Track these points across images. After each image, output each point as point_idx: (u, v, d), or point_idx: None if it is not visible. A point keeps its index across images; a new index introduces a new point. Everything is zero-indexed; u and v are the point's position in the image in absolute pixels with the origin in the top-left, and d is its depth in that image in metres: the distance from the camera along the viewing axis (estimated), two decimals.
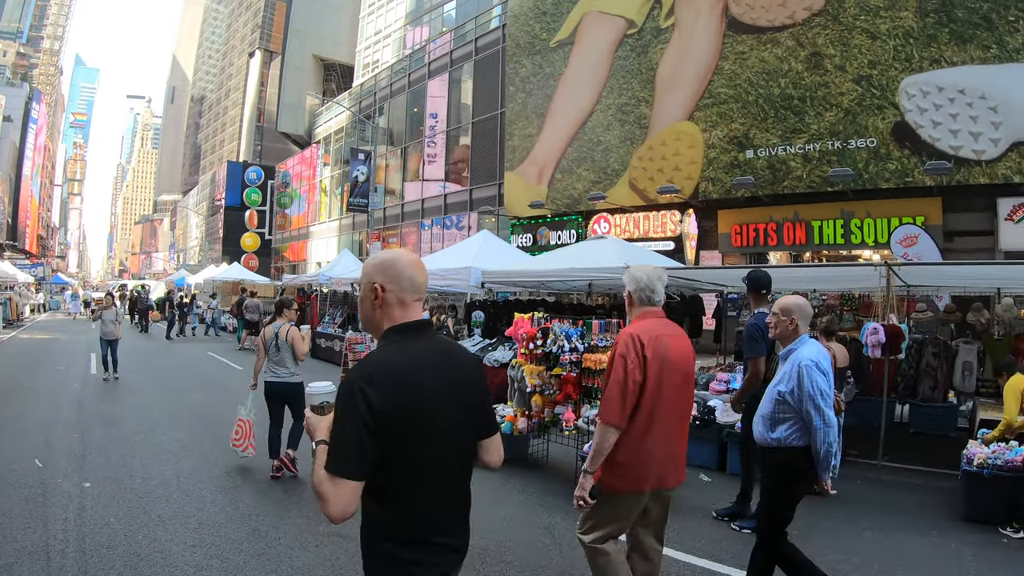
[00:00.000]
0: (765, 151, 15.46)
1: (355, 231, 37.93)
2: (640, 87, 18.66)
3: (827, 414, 3.46)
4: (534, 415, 6.88)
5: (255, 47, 74.22)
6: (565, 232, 20.62)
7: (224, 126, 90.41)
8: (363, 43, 48.85)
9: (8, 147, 55.75)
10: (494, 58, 26.08)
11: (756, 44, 15.92)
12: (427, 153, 30.67)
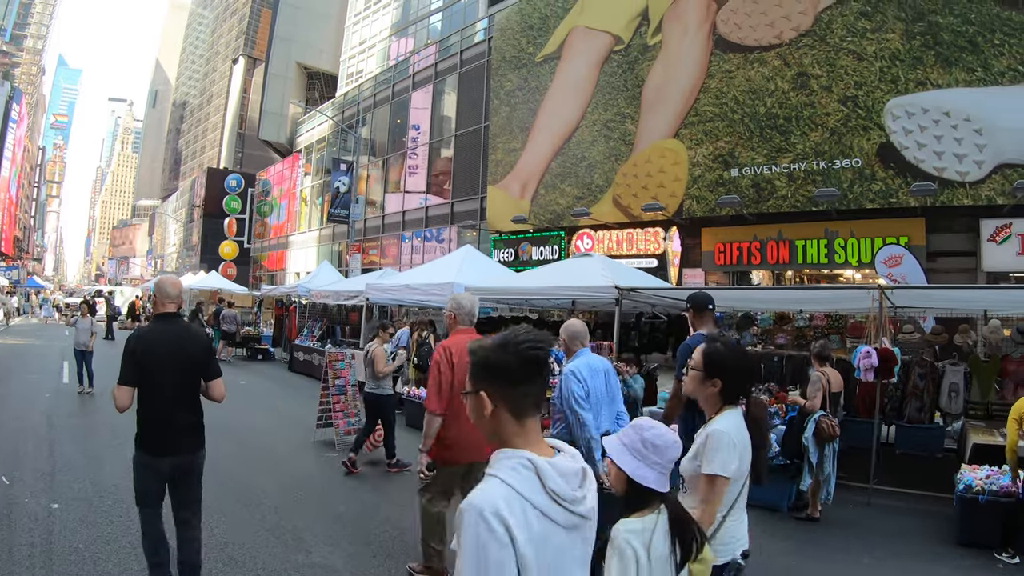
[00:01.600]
0: (750, 170, 15.46)
1: (335, 242, 37.66)
2: (626, 103, 18.65)
3: (580, 414, 4.35)
4: None
5: (239, 53, 74.05)
6: (547, 248, 20.54)
7: (205, 132, 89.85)
8: (347, 52, 48.81)
9: None
10: (479, 71, 26.03)
11: (743, 63, 15.96)
12: (409, 165, 30.52)
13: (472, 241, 23.29)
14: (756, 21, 15.76)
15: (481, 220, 24.27)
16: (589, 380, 4.48)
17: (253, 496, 6.59)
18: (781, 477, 6.82)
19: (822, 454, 6.39)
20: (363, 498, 6.80)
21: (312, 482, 7.30)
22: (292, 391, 14.79)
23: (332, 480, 7.47)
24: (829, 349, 7.27)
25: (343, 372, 9.33)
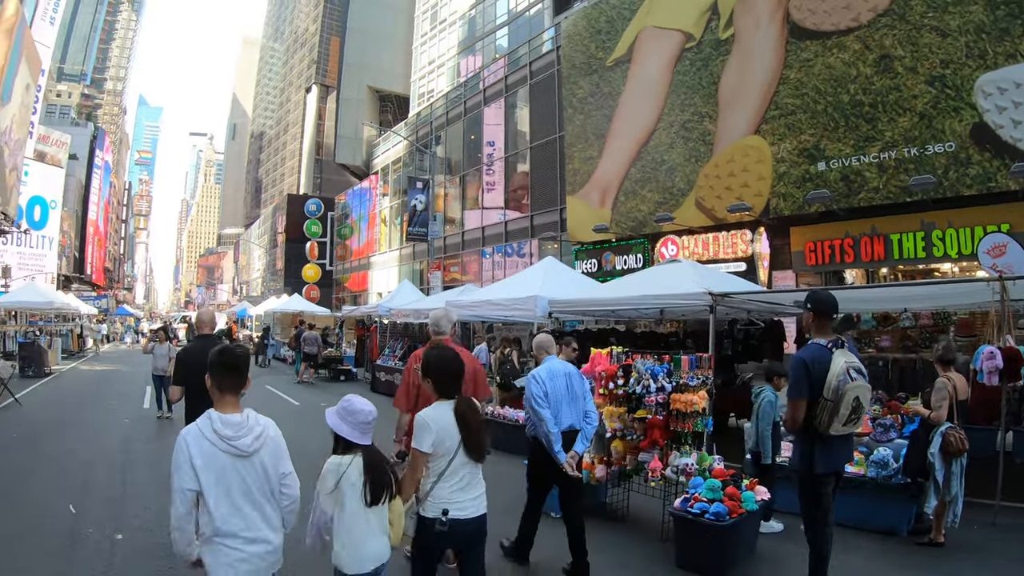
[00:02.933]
0: (838, 162, 15.24)
1: (415, 261, 38.88)
2: (703, 102, 18.68)
3: (539, 412, 5.17)
4: (614, 462, 6.51)
5: (311, 82, 77.32)
6: (631, 256, 20.65)
7: (284, 160, 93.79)
8: (417, 73, 50.27)
9: (74, 184, 59.35)
10: (549, 81, 26.56)
11: (821, 50, 15.79)
12: (486, 181, 31.34)
13: (553, 253, 23.66)
14: (831, 5, 15.56)
15: (562, 232, 24.65)
16: (548, 382, 5.29)
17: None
18: (901, 497, 6.42)
19: (949, 471, 5.94)
20: None
21: None
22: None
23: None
24: (953, 351, 6.79)
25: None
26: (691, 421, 6.05)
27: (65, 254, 55.43)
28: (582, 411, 5.40)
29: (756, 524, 5.96)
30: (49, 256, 48.80)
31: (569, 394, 5.36)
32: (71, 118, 78.26)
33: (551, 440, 5.09)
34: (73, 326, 35.00)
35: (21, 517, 6.75)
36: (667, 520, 6.04)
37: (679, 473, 5.97)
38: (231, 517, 2.93)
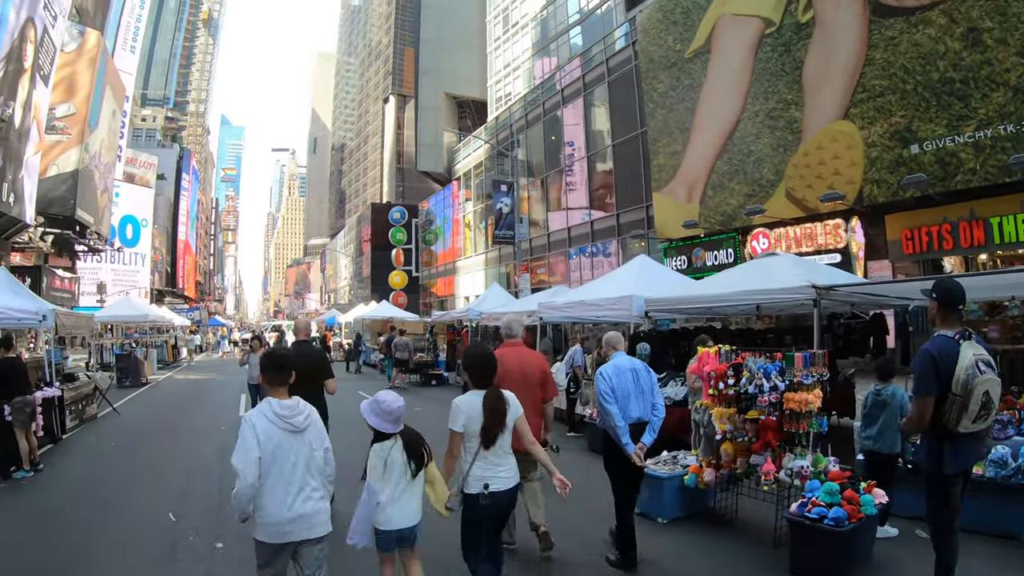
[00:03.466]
0: (931, 144, 14.92)
1: (502, 264, 39.73)
2: (787, 89, 18.57)
3: (605, 407, 5.43)
4: (724, 465, 6.30)
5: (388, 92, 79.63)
6: (721, 251, 20.66)
7: (366, 170, 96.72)
8: (493, 77, 51.17)
9: (164, 203, 63.55)
10: (627, 77, 26.77)
11: (906, 27, 15.42)
12: (567, 181, 31.77)
13: (640, 252, 23.73)
14: None
15: (649, 229, 24.79)
16: (614, 378, 5.52)
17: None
18: (1021, 498, 6.08)
19: None
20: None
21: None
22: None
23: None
24: None
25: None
26: (805, 421, 5.80)
27: (158, 269, 59.21)
28: (650, 404, 5.58)
29: (874, 529, 5.77)
30: (142, 272, 52.59)
31: (636, 388, 5.56)
32: (157, 140, 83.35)
33: (618, 433, 5.37)
34: (167, 337, 36.74)
35: (123, 524, 7.02)
36: (780, 525, 5.86)
37: (793, 476, 5.71)
38: (279, 486, 3.66)
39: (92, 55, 31.56)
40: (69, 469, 9.94)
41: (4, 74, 19.34)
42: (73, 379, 14.83)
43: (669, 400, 9.31)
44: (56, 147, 29.03)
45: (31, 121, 22.54)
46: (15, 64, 20.21)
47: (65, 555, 6.08)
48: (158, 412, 16.36)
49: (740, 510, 6.72)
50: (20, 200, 22.04)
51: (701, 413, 6.76)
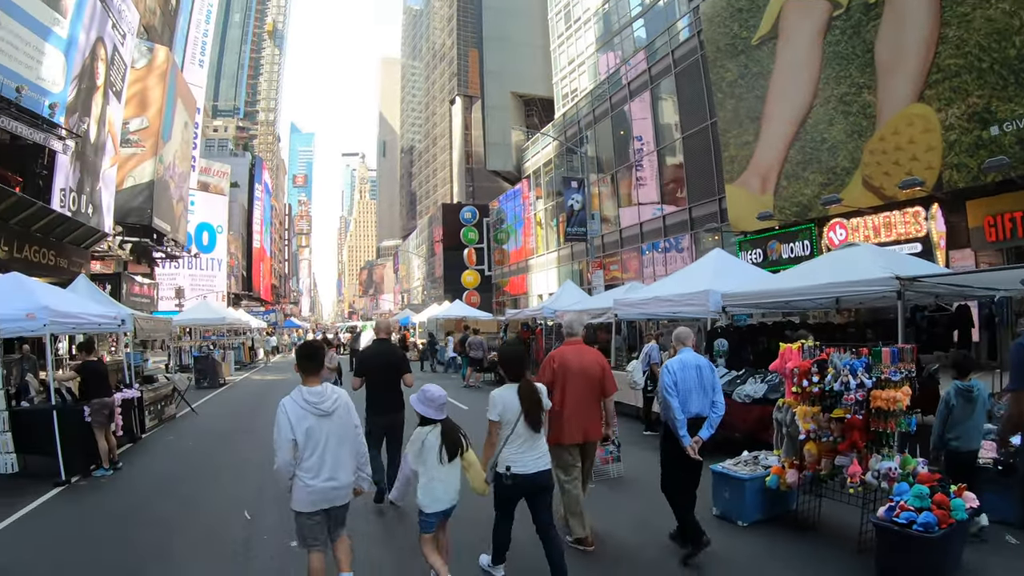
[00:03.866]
0: (1012, 124, 14.42)
1: (574, 261, 39.98)
2: (859, 72, 18.22)
3: (667, 399, 5.64)
4: (807, 466, 6.08)
5: (454, 94, 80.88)
6: (797, 244, 20.35)
7: (435, 172, 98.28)
8: (558, 74, 51.34)
9: (238, 210, 66.69)
10: (694, 68, 26.67)
11: (978, 1, 14.93)
12: (637, 176, 31.78)
13: (713, 245, 23.63)
14: None
15: (722, 223, 24.60)
16: (678, 372, 5.73)
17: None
18: None
19: None
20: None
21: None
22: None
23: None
24: None
25: None
26: (893, 420, 5.58)
27: (234, 274, 62.01)
28: (710, 401, 5.76)
29: (964, 535, 5.52)
30: (219, 276, 55.55)
31: (698, 384, 5.75)
32: (229, 150, 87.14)
33: (676, 425, 5.59)
34: (245, 339, 37.87)
35: (200, 522, 7.23)
36: (866, 530, 5.65)
37: (881, 479, 5.49)
38: (312, 461, 4.36)
39: (162, 70, 33.52)
40: (148, 468, 10.30)
41: (78, 92, 20.78)
42: (152, 381, 15.48)
43: (748, 398, 9.42)
44: (131, 159, 30.93)
45: (106, 135, 24.13)
46: (88, 82, 21.68)
47: (142, 552, 6.28)
48: (235, 412, 16.92)
49: (823, 514, 6.44)
50: (98, 211, 23.63)
51: (784, 412, 6.54)
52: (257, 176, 75.74)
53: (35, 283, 10.89)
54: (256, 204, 74.59)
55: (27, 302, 9.62)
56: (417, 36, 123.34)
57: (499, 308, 52.01)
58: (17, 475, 8.83)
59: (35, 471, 9.25)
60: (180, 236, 38.32)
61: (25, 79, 17.10)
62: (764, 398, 9.24)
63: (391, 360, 7.50)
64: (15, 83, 16.54)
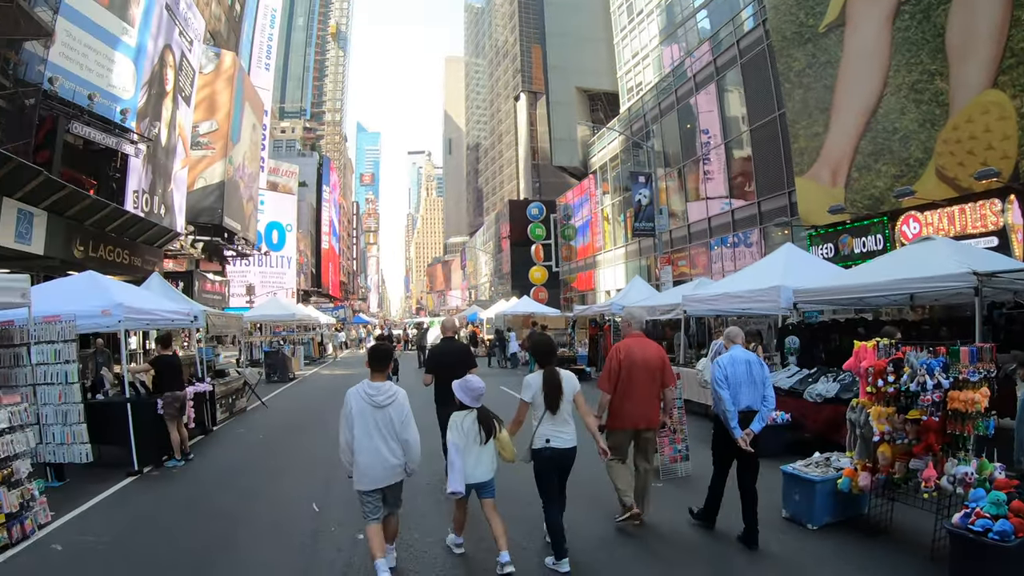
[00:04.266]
0: None
1: (642, 256, 40.00)
2: (929, 59, 17.82)
3: (718, 392, 6.09)
4: (880, 469, 5.94)
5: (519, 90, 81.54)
6: (869, 238, 19.92)
7: (501, 168, 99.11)
8: (622, 68, 51.18)
9: (306, 208, 68.86)
10: (760, 58, 26.46)
11: None
12: (705, 170, 31.63)
13: (783, 240, 23.46)
14: None
15: (792, 216, 24.28)
16: (729, 367, 6.17)
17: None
18: None
19: None
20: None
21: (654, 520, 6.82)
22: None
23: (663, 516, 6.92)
24: None
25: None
26: (971, 423, 5.40)
27: (303, 271, 63.98)
28: (760, 395, 6.12)
29: None
30: (288, 273, 57.45)
31: (748, 379, 6.13)
32: (297, 150, 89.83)
33: (727, 417, 5.99)
34: (314, 335, 39.08)
35: (269, 515, 7.41)
36: (939, 537, 5.52)
37: (956, 483, 5.31)
38: (365, 442, 5.19)
39: (229, 74, 35.18)
40: (218, 459, 10.61)
41: (148, 97, 22.05)
42: (224, 375, 16.21)
43: (820, 397, 9.34)
44: (202, 161, 32.56)
45: (176, 139, 25.53)
46: (157, 87, 22.99)
47: (211, 541, 6.51)
48: (304, 406, 17.33)
49: (895, 518, 6.31)
50: (170, 211, 25.03)
51: (858, 412, 6.30)
52: (325, 175, 78.25)
53: (110, 281, 11.44)
54: (324, 202, 77.12)
55: (102, 299, 10.05)
56: (480, 34, 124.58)
57: (567, 304, 52.32)
58: (92, 465, 9.08)
59: (109, 461, 9.66)
60: (250, 235, 39.93)
61: (96, 86, 18.30)
62: (836, 398, 9.15)
63: (457, 357, 8.15)
64: (87, 91, 17.75)
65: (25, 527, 6.66)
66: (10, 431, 6.94)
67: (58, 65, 16.65)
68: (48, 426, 8.85)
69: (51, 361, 8.93)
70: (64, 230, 16.55)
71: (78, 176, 18.32)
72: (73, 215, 16.82)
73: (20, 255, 15.05)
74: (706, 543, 6.21)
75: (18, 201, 14.42)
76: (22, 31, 15.03)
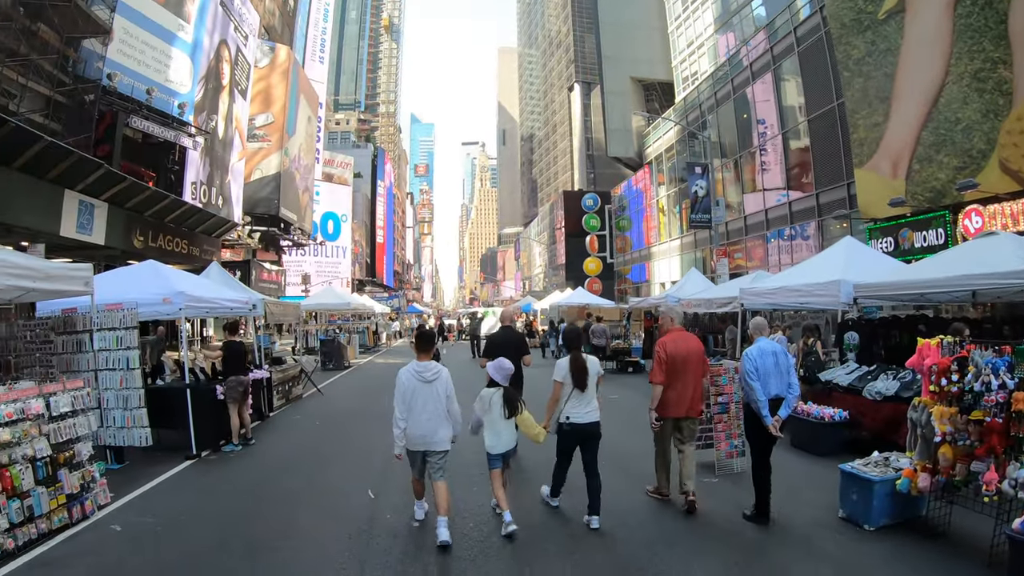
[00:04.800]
0: None
1: (697, 248, 39.84)
2: (992, 46, 17.38)
3: (749, 383, 6.58)
4: (941, 471, 5.80)
5: (572, 81, 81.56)
6: (930, 232, 19.40)
7: (556, 159, 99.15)
8: (677, 57, 50.68)
9: (361, 199, 70.39)
10: (818, 46, 26.10)
11: None
12: (761, 161, 31.29)
13: (841, 234, 23.16)
14: None
15: (851, 209, 23.93)
16: (758, 359, 6.67)
17: (618, 517, 6.77)
18: None
19: None
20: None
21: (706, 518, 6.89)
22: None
23: (716, 517, 6.92)
24: None
25: (726, 388, 8.93)
26: None
27: (358, 260, 65.27)
28: (786, 383, 6.70)
29: None
30: (343, 263, 58.64)
31: (776, 369, 6.68)
32: (352, 142, 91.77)
33: (759, 407, 6.54)
34: (368, 324, 39.92)
35: (325, 500, 7.55)
36: (998, 542, 5.38)
37: (1018, 487, 5.11)
38: (415, 412, 6.16)
39: (284, 68, 36.20)
40: (274, 445, 10.83)
41: (205, 92, 22.88)
42: (281, 362, 16.62)
43: (879, 395, 9.22)
44: (258, 153, 33.57)
45: (233, 131, 26.42)
46: (214, 82, 23.85)
47: (266, 526, 6.66)
48: (359, 394, 17.60)
49: (954, 522, 6.21)
50: (228, 202, 25.93)
51: (919, 411, 6.11)
52: (379, 166, 79.66)
53: (170, 270, 11.73)
54: (379, 193, 78.53)
55: (163, 288, 10.40)
56: (532, 24, 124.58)
57: (621, 296, 52.44)
58: (151, 448, 9.32)
59: (167, 445, 9.95)
60: (306, 225, 41.02)
61: (154, 82, 19.10)
62: (896, 396, 9.04)
63: (514, 344, 9.14)
64: (145, 86, 18.55)
65: (85, 507, 6.95)
66: (72, 415, 7.17)
67: (116, 62, 17.41)
68: (109, 410, 9.18)
69: (113, 347, 9.22)
70: (124, 221, 17.31)
71: (137, 169, 19.10)
72: (133, 206, 17.59)
73: (81, 245, 15.75)
74: (759, 539, 6.26)
75: (79, 193, 15.17)
76: (80, 29, 15.78)
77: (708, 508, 7.03)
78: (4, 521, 5.95)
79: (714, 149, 35.46)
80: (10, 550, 5.92)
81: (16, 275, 7.00)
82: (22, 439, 6.40)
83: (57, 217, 14.53)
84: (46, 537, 6.36)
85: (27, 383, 7.09)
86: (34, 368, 9.23)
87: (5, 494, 6.07)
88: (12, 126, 11.99)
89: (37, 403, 6.74)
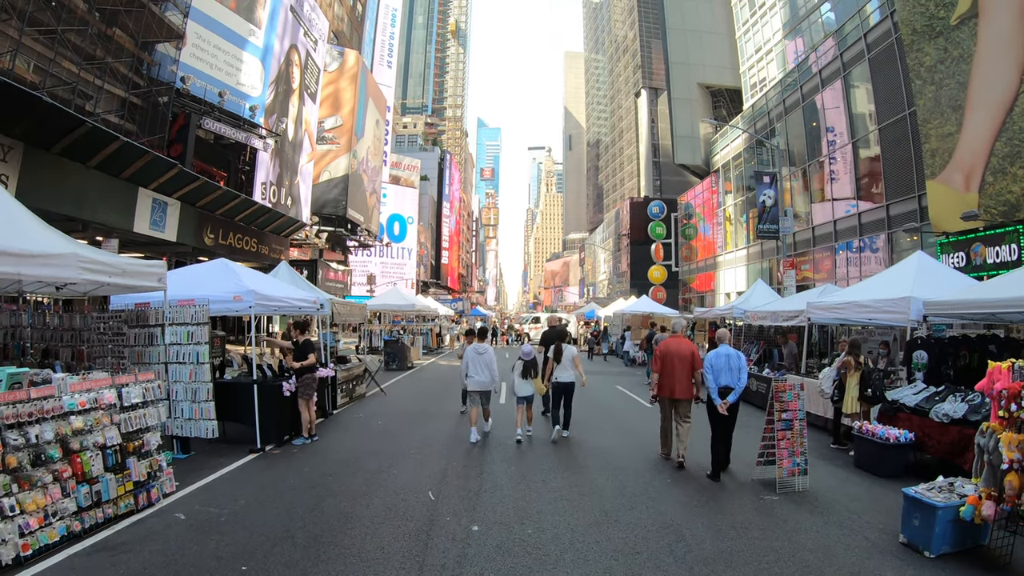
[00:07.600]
0: None
1: (763, 259, 39.40)
2: None
3: (705, 376, 9.36)
4: (1007, 499, 5.61)
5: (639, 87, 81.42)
6: (1004, 247, 18.70)
7: (622, 165, 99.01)
8: (745, 63, 50.10)
9: (428, 202, 72.02)
10: (889, 53, 25.69)
11: None
12: (830, 170, 30.80)
13: (912, 247, 22.71)
14: None
15: (922, 222, 23.44)
16: (714, 360, 9.30)
17: (680, 533, 6.74)
18: None
19: None
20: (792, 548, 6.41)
21: (749, 531, 6.87)
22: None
23: (772, 528, 6.95)
24: None
25: (791, 404, 8.79)
26: None
27: (423, 262, 66.58)
28: (736, 377, 9.16)
29: None
30: (409, 265, 60.02)
31: (727, 366, 9.20)
32: (419, 145, 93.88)
33: (711, 393, 9.23)
34: (432, 325, 40.42)
35: (385, 499, 7.61)
36: None
37: None
38: (473, 372, 11.50)
39: (353, 72, 37.37)
40: (337, 442, 11.09)
41: (275, 95, 23.83)
42: (345, 361, 16.80)
43: (947, 417, 8.99)
44: (327, 155, 34.78)
45: (303, 134, 27.43)
46: (284, 85, 24.81)
47: (327, 521, 6.80)
48: (422, 395, 17.72)
49: (1016, 552, 6.04)
50: (297, 203, 26.93)
51: (987, 437, 5.95)
52: (446, 170, 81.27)
53: (240, 268, 11.99)
54: (445, 196, 79.95)
55: (234, 285, 10.77)
56: (599, 29, 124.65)
57: (685, 305, 52.06)
58: (217, 440, 9.69)
59: (233, 438, 10.41)
60: (373, 226, 42.17)
61: (226, 85, 20.11)
62: (964, 419, 8.84)
63: (558, 335, 13.67)
64: (217, 89, 19.52)
65: (151, 495, 7.26)
66: (143, 405, 7.46)
67: (189, 65, 18.46)
68: (177, 402, 9.56)
69: (184, 342, 9.58)
70: (195, 218, 18.15)
71: (209, 168, 20.11)
72: (204, 205, 18.43)
73: (154, 241, 16.66)
74: (816, 563, 6.00)
75: (153, 191, 16.06)
76: (154, 34, 16.88)
77: (770, 534, 6.75)
78: (72, 504, 6.27)
79: (782, 157, 34.93)
80: (77, 532, 6.26)
81: (92, 270, 7.27)
82: (94, 427, 6.73)
83: (131, 214, 15.36)
84: (112, 522, 6.69)
85: (101, 373, 7.44)
86: (105, 359, 9.80)
87: (75, 479, 6.40)
88: (89, 126, 12.66)
89: (110, 393, 7.08)
